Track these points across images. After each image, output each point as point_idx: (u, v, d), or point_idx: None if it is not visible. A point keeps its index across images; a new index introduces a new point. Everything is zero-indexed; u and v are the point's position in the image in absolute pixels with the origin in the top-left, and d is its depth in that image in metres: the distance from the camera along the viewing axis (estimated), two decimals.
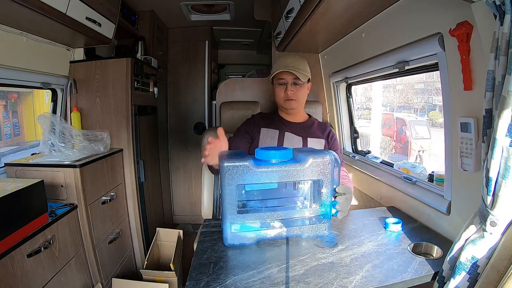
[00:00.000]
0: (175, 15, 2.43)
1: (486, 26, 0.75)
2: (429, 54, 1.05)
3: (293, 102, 1.33)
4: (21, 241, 1.04)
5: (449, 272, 0.77)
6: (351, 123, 2.02)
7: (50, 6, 1.13)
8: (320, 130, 1.41)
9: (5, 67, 1.28)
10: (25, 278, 1.04)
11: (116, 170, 1.73)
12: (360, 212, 1.26)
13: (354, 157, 1.86)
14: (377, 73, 1.49)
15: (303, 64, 1.33)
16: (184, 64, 2.82)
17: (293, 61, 1.31)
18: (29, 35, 1.37)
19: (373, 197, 1.62)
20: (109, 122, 1.77)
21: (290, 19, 1.50)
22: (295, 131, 1.37)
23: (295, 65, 1.30)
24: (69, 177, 1.38)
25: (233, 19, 2.55)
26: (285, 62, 1.31)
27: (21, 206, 1.05)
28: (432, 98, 5.14)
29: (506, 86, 0.61)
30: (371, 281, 0.77)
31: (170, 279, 1.68)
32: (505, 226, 0.67)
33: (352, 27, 1.50)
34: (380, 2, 1.17)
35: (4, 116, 1.92)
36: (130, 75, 1.76)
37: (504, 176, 0.64)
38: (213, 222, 1.13)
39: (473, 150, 0.87)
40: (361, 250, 0.92)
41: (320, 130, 1.41)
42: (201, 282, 0.76)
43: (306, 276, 0.79)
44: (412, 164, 1.49)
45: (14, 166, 1.39)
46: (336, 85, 2.01)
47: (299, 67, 1.30)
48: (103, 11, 1.53)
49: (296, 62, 1.31)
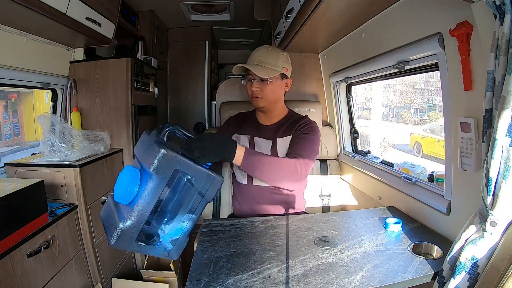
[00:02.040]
0: (175, 15, 2.43)
1: (486, 26, 0.75)
2: (429, 54, 1.05)
3: (259, 100, 1.21)
4: (21, 241, 1.04)
5: (449, 272, 0.77)
6: (351, 123, 2.02)
7: (50, 6, 1.13)
8: (290, 126, 1.26)
9: (5, 67, 1.28)
10: (25, 278, 1.04)
11: (116, 170, 1.73)
12: (360, 212, 1.26)
13: (354, 157, 1.86)
14: (377, 73, 1.49)
15: (275, 58, 1.18)
16: (184, 64, 2.83)
17: (262, 55, 1.18)
18: (29, 35, 1.37)
19: (373, 197, 1.62)
20: (109, 122, 1.77)
21: (290, 19, 1.50)
22: (265, 134, 1.27)
23: (262, 59, 1.17)
24: (69, 177, 1.38)
25: (233, 19, 2.55)
26: (254, 56, 1.20)
27: (21, 206, 1.05)
28: (432, 98, 5.14)
29: (506, 86, 0.61)
30: (371, 281, 0.77)
31: (170, 279, 1.68)
32: (505, 226, 0.67)
33: (352, 27, 1.49)
34: (380, 2, 1.17)
35: (4, 116, 1.92)
36: (130, 75, 1.76)
37: (504, 176, 0.64)
38: (213, 222, 1.13)
39: (473, 150, 0.87)
40: (361, 250, 0.92)
41: (291, 126, 1.26)
42: (201, 282, 0.76)
43: (306, 276, 0.79)
44: (412, 164, 1.49)
45: (14, 166, 1.39)
46: (336, 85, 2.01)
47: (268, 61, 1.17)
48: (103, 11, 1.53)
49: (266, 55, 1.18)
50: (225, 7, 2.35)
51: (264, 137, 1.26)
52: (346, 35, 1.63)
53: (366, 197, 1.70)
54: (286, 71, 1.21)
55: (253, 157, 1.03)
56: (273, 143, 1.24)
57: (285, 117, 1.30)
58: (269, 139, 1.25)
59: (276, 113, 1.29)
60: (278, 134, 1.25)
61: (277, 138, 1.24)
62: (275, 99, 1.24)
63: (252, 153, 1.05)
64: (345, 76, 1.82)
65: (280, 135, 1.25)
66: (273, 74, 1.17)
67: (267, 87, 1.19)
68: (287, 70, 1.22)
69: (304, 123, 1.25)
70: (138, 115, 1.91)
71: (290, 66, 1.25)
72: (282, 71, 1.20)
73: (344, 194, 1.98)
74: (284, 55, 1.23)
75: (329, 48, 1.99)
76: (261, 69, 1.15)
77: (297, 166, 1.09)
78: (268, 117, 1.29)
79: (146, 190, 0.71)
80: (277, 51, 1.22)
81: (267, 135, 1.26)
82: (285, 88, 1.25)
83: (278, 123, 1.29)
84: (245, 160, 1.01)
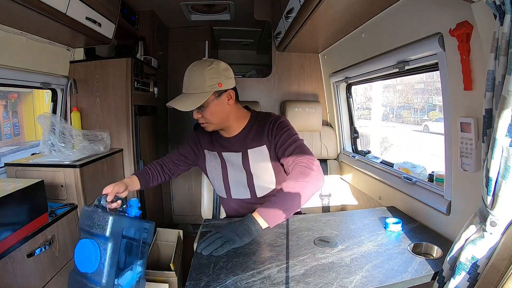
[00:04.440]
0: (175, 15, 2.43)
1: (486, 26, 0.75)
2: (429, 54, 1.05)
3: (207, 126, 1.11)
4: (21, 241, 1.04)
5: (449, 272, 0.77)
6: (351, 123, 2.03)
7: (50, 6, 1.13)
8: (259, 134, 1.15)
9: (5, 67, 1.28)
10: (25, 278, 1.04)
11: (116, 170, 1.73)
12: (360, 212, 1.26)
13: (354, 157, 1.86)
14: (377, 73, 1.49)
15: (200, 81, 1.04)
16: (184, 64, 2.79)
17: (188, 81, 1.07)
18: (29, 35, 1.37)
19: (373, 197, 1.62)
20: (109, 122, 1.77)
21: (290, 19, 1.50)
22: (232, 147, 1.18)
23: (189, 85, 1.06)
24: (69, 177, 1.38)
25: (233, 19, 2.55)
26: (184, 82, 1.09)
27: (21, 206, 1.05)
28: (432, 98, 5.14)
29: (506, 86, 0.61)
30: (371, 281, 0.77)
31: (170, 279, 1.68)
32: (505, 226, 0.67)
33: (352, 27, 1.50)
34: (380, 2, 1.17)
35: (4, 116, 1.92)
36: (130, 75, 1.76)
37: (504, 176, 0.64)
38: (213, 222, 1.13)
39: (473, 150, 0.87)
40: (361, 250, 0.92)
41: (259, 133, 1.15)
42: (201, 282, 0.76)
43: (306, 276, 0.79)
44: (412, 164, 1.49)
45: (14, 166, 1.39)
46: (336, 85, 2.02)
47: (194, 86, 1.05)
48: (103, 11, 1.53)
49: (191, 80, 1.06)
50: (225, 7, 2.35)
51: (231, 150, 1.18)
52: (346, 35, 1.63)
53: (366, 197, 1.70)
54: (219, 86, 1.05)
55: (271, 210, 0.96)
56: (242, 154, 1.16)
57: (247, 124, 1.18)
58: (237, 152, 1.17)
59: (235, 126, 1.17)
60: (246, 144, 1.16)
61: (247, 150, 1.15)
62: (222, 118, 1.11)
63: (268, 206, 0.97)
64: (345, 76, 1.82)
65: (249, 145, 1.15)
66: (201, 101, 1.03)
67: (205, 113, 1.07)
68: (221, 84, 1.06)
69: (272, 125, 1.14)
70: (138, 115, 1.91)
71: (223, 77, 1.07)
72: (212, 90, 1.04)
73: (344, 194, 1.98)
74: (211, 70, 1.05)
75: (329, 48, 1.99)
76: (186, 100, 1.04)
77: (311, 173, 1.01)
78: (228, 131, 1.18)
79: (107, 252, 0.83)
80: (201, 70, 1.05)
81: (234, 148, 1.17)
82: (229, 102, 1.10)
83: (242, 132, 1.18)
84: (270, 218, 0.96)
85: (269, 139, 1.14)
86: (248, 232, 0.94)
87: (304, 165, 1.03)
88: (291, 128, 1.15)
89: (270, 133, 1.13)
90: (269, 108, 2.35)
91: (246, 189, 1.18)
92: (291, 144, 1.10)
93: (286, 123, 1.15)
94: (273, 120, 1.15)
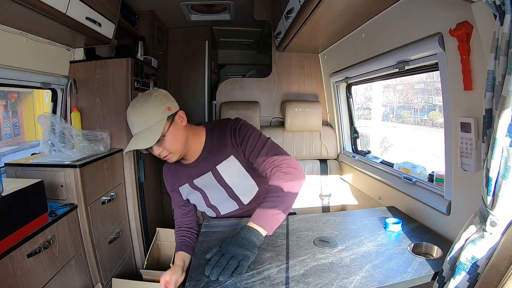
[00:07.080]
0: (175, 15, 2.43)
1: (486, 26, 0.75)
2: (429, 54, 1.05)
3: (170, 157, 1.05)
4: (21, 241, 1.04)
5: (449, 272, 0.77)
6: (351, 123, 2.03)
7: (50, 6, 1.13)
8: (222, 145, 1.10)
9: (5, 67, 1.28)
10: (25, 278, 1.04)
11: (116, 170, 1.72)
12: (360, 212, 1.26)
13: (354, 157, 1.86)
14: (377, 73, 1.49)
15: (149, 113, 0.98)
16: (184, 64, 2.82)
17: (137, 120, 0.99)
18: (29, 35, 1.37)
19: (373, 197, 1.62)
20: (109, 122, 1.77)
21: (290, 19, 1.50)
22: (199, 172, 1.13)
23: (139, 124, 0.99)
24: (69, 177, 1.38)
25: (233, 19, 2.55)
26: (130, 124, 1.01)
27: (21, 206, 1.05)
28: (432, 98, 5.14)
29: (506, 86, 0.61)
30: (371, 281, 0.77)
31: None
32: (505, 226, 0.67)
33: (352, 27, 1.50)
34: (380, 2, 1.17)
35: (4, 116, 1.92)
36: (130, 75, 1.76)
37: (504, 176, 0.64)
38: (213, 222, 1.13)
39: (473, 150, 0.87)
40: (361, 250, 0.92)
41: (222, 144, 1.10)
42: (201, 282, 0.77)
43: (306, 276, 0.79)
44: (412, 164, 1.49)
45: (14, 166, 1.39)
46: (336, 85, 2.02)
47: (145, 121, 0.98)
48: (103, 11, 1.52)
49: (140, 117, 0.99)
50: (225, 7, 2.35)
51: (201, 174, 1.13)
52: (346, 35, 1.63)
53: (366, 197, 1.70)
54: (169, 110, 1.01)
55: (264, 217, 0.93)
56: (213, 172, 1.11)
57: (207, 140, 1.13)
58: (207, 172, 1.12)
59: (195, 146, 1.11)
60: (214, 161, 1.11)
61: (216, 167, 1.11)
62: (183, 142, 1.05)
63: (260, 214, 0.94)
64: (345, 76, 1.82)
65: (217, 161, 1.11)
66: (159, 131, 0.97)
67: (166, 142, 1.01)
68: (170, 108, 1.01)
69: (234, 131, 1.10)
70: None
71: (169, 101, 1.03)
72: (165, 116, 1.00)
73: (344, 194, 1.99)
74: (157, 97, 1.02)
75: (329, 48, 1.99)
76: (143, 137, 0.98)
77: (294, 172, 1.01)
78: (191, 155, 1.12)
79: None
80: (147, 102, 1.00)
81: (202, 171, 1.13)
82: (182, 123, 1.05)
83: (204, 150, 1.12)
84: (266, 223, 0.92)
85: (235, 147, 1.09)
86: (253, 244, 0.87)
87: (285, 165, 1.01)
88: (253, 129, 1.12)
89: (234, 141, 1.09)
90: (269, 108, 2.35)
91: (231, 201, 1.15)
92: (261, 147, 1.06)
93: (247, 125, 1.12)
94: (232, 126, 1.11)
